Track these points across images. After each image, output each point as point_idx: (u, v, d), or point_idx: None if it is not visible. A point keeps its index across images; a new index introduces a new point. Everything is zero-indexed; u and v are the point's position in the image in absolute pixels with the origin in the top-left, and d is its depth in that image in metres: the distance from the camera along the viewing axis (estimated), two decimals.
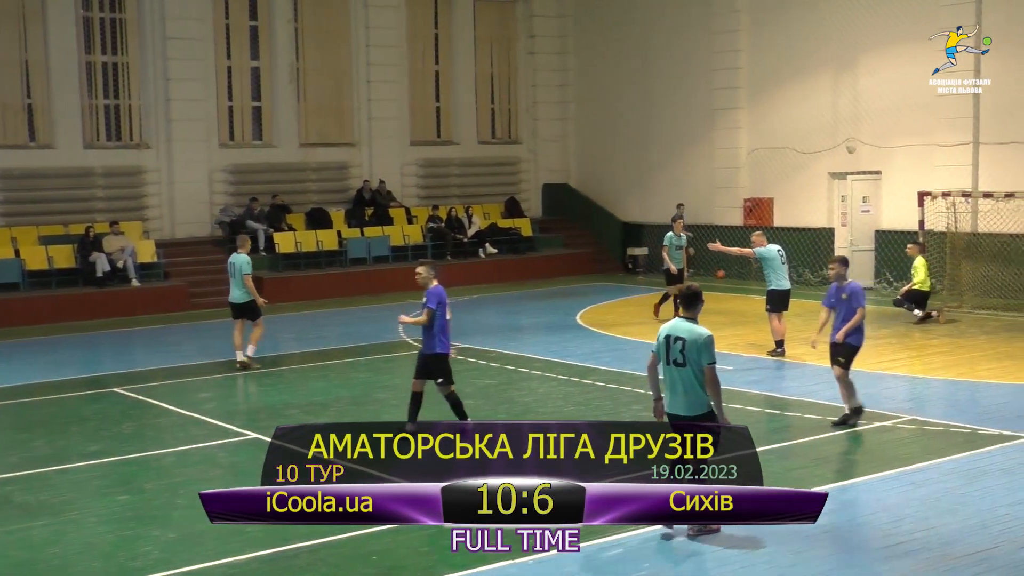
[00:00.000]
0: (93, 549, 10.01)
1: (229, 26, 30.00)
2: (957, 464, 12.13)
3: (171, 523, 10.69)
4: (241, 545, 9.89)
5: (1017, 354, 18.45)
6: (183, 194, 29.06)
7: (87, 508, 11.28)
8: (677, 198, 31.68)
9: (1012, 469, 11.80)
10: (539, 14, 34.59)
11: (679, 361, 9.71)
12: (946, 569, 8.96)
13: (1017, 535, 9.73)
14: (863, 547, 9.48)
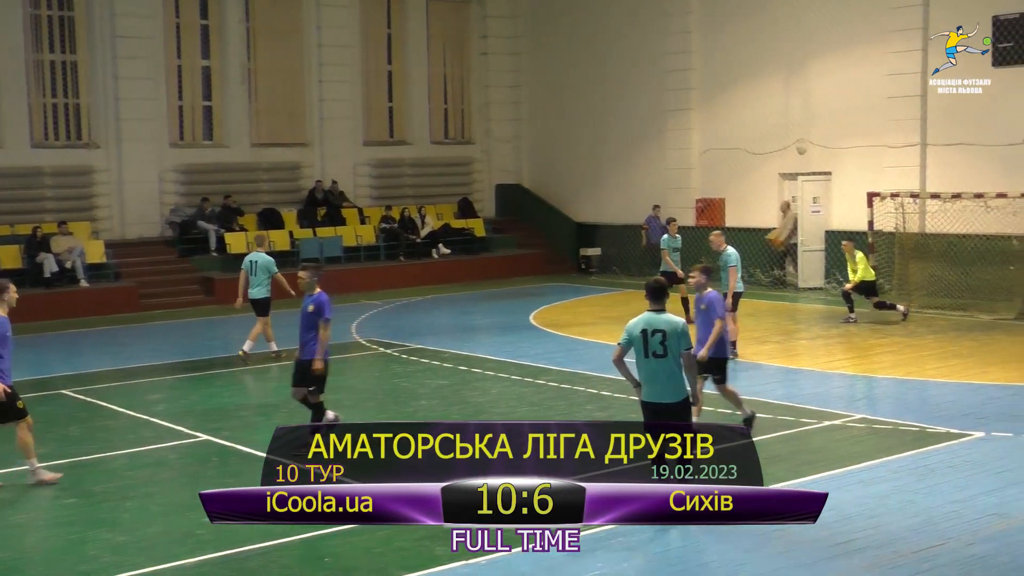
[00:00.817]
0: (40, 554, 9.91)
1: (180, 25, 29.77)
2: (905, 462, 12.24)
3: (120, 526, 10.58)
4: (192, 548, 9.83)
5: (964, 353, 18.68)
6: (133, 194, 28.81)
7: (34, 512, 11.17)
8: (630, 198, 31.84)
9: (959, 466, 11.93)
10: (492, 15, 34.60)
11: (659, 353, 10.01)
12: (894, 566, 9.05)
13: (964, 532, 9.84)
14: (813, 545, 9.54)
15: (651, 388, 10.14)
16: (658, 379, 10.08)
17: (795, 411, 14.65)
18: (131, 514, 10.97)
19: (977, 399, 15.22)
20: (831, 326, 21.76)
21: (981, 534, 9.79)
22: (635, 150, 31.96)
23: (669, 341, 10.02)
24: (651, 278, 10.79)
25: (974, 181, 24.10)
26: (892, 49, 25.73)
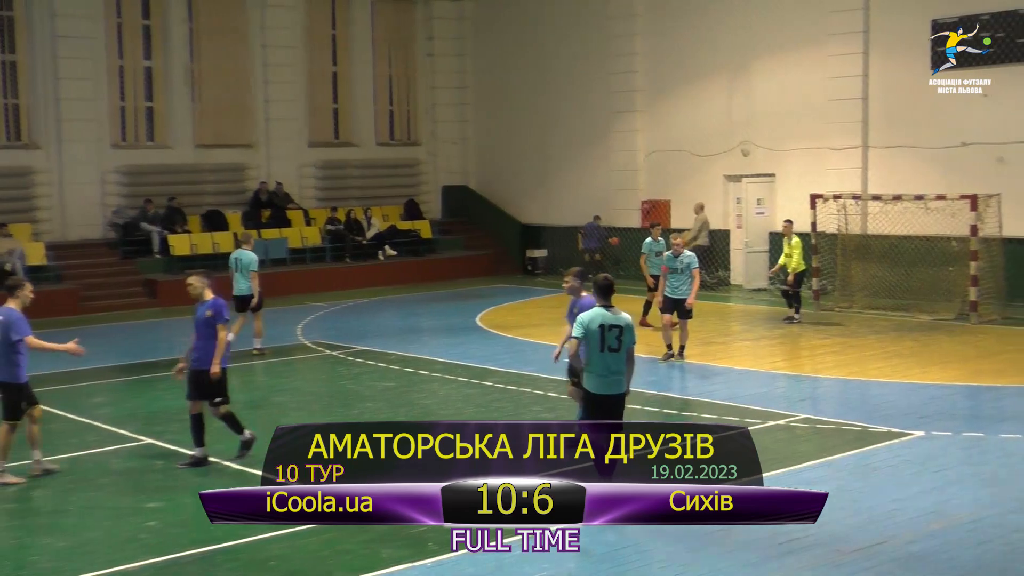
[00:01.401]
0: None
1: (121, 25, 29.46)
2: (848, 461, 12.37)
3: (61, 531, 10.45)
4: (134, 552, 9.73)
5: (905, 353, 18.89)
6: (74, 196, 28.46)
7: None
8: (576, 200, 31.91)
9: (900, 466, 12.07)
10: (438, 16, 34.54)
11: (614, 347, 10.40)
12: (836, 564, 9.13)
13: (905, 530, 9.96)
14: (757, 545, 9.61)
15: (603, 381, 10.44)
16: (611, 373, 10.45)
17: (739, 411, 14.73)
18: (73, 519, 10.84)
19: (918, 399, 15.38)
20: (775, 327, 21.93)
21: (921, 532, 9.91)
22: (581, 152, 32.04)
23: (624, 337, 10.43)
24: (599, 276, 10.93)
25: (914, 183, 24.39)
26: (833, 52, 25.98)
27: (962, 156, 24.04)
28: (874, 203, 24.84)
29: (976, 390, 16.09)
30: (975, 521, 10.17)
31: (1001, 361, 18.02)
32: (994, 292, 22.73)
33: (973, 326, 21.61)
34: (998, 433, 13.32)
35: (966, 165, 23.92)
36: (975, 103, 23.76)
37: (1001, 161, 23.51)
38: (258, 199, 30.78)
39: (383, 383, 17.45)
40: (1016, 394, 15.71)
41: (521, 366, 18.20)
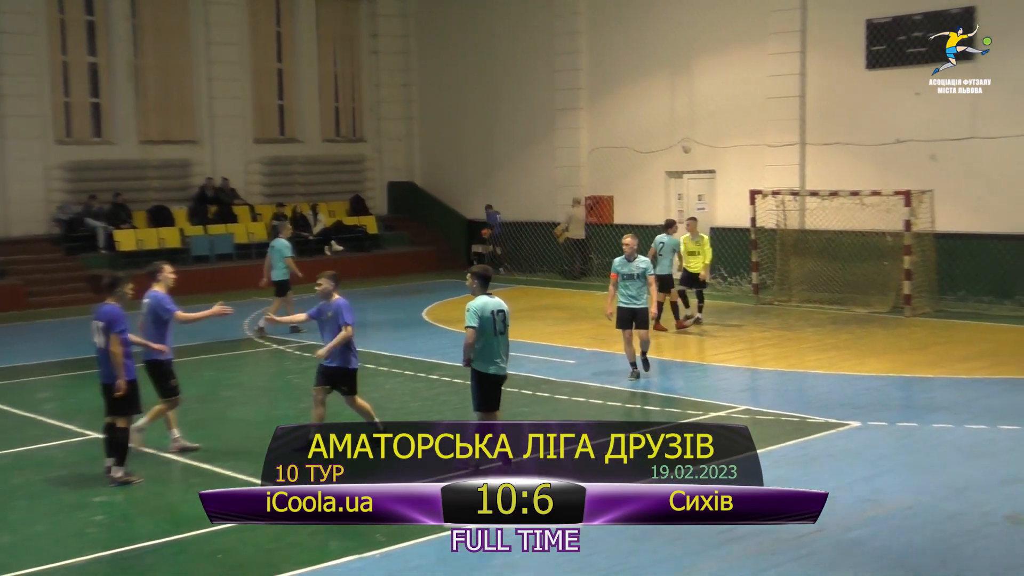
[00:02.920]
0: None
1: (64, 21, 29.12)
2: (787, 451, 12.47)
3: (7, 526, 10.34)
4: (81, 546, 9.64)
5: (842, 345, 19.09)
6: (18, 192, 28.11)
7: None
8: (521, 196, 31.97)
9: (837, 455, 12.20)
10: (382, 13, 34.45)
11: (502, 330, 11.36)
12: (774, 552, 9.21)
13: (842, 518, 10.04)
14: (700, 533, 9.65)
15: (498, 362, 11.46)
16: (500, 353, 11.44)
17: (681, 403, 14.84)
18: (18, 514, 10.72)
19: (854, 390, 15.54)
20: (715, 320, 22.05)
21: (857, 519, 10.02)
22: (525, 148, 32.08)
23: (507, 320, 11.44)
24: (478, 267, 11.89)
25: (850, 179, 24.63)
26: (772, 51, 26.19)
27: (896, 153, 24.29)
28: (811, 199, 25.09)
29: (909, 381, 16.31)
30: (909, 508, 10.31)
31: (933, 353, 18.26)
32: (927, 286, 23.03)
33: (907, 319, 21.88)
34: (931, 423, 13.50)
35: (900, 162, 24.18)
36: (909, 101, 24.05)
37: (934, 159, 23.75)
38: (204, 195, 30.55)
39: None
40: (947, 385, 15.94)
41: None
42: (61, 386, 17.58)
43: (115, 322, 11.49)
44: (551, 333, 20.76)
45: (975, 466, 11.67)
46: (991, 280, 23.09)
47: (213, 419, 14.70)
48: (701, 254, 20.86)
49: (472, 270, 11.79)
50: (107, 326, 11.48)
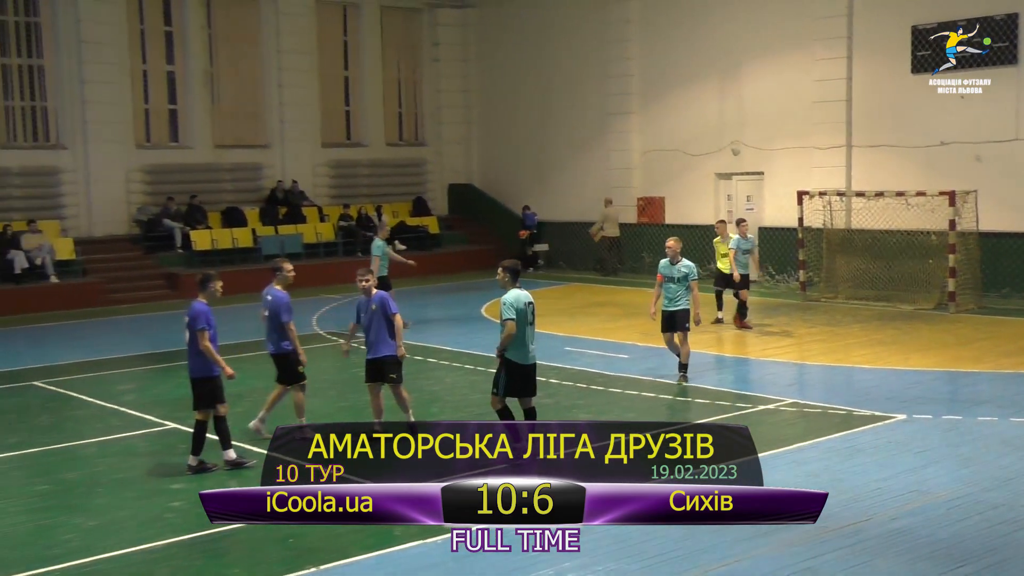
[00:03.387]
0: (10, 539, 9.77)
1: (144, 31, 29.50)
2: (833, 443, 12.39)
3: (91, 511, 10.49)
4: (160, 531, 9.76)
5: (888, 340, 18.91)
6: (100, 194, 28.51)
7: (6, 498, 11.01)
8: (575, 197, 31.95)
9: (883, 447, 12.09)
10: (443, 23, 34.55)
11: (531, 321, 11.54)
12: (822, 541, 9.15)
13: (887, 508, 9.98)
14: None
15: (530, 351, 11.53)
16: (532, 342, 11.56)
17: (731, 396, 14.79)
18: (101, 500, 10.88)
19: (900, 384, 15.40)
20: (765, 316, 21.93)
21: (903, 509, 9.93)
22: (580, 151, 32.05)
23: (535, 312, 11.63)
24: (507, 261, 12.01)
25: (896, 180, 24.40)
26: (819, 56, 25.98)
27: (941, 155, 24.04)
28: (857, 199, 24.86)
29: (954, 375, 16.11)
30: (953, 499, 10.19)
31: (977, 348, 18.04)
32: (971, 283, 22.76)
33: (951, 315, 21.63)
34: (975, 416, 13.34)
35: (944, 163, 23.92)
36: (953, 104, 23.77)
37: (978, 160, 23.51)
38: (274, 197, 30.83)
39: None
40: (991, 379, 15.74)
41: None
42: (140, 378, 17.82)
43: (196, 319, 11.61)
44: (605, 329, 20.73)
45: (1019, 458, 11.51)
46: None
47: (284, 410, 14.80)
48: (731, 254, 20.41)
49: (503, 264, 11.87)
50: (190, 322, 11.62)
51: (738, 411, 13.97)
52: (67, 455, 12.65)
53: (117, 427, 13.89)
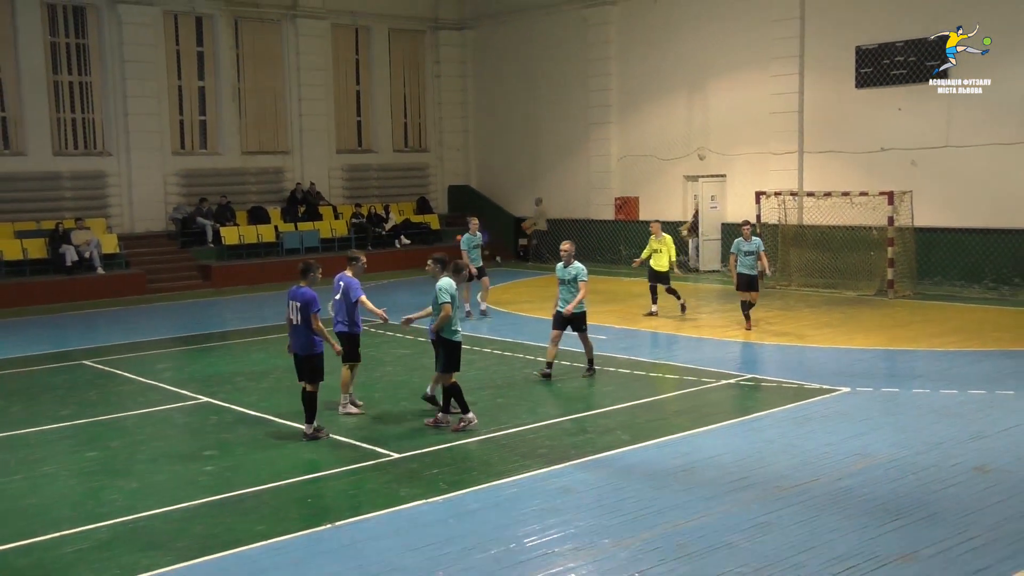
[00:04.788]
0: (65, 499, 9.78)
1: (179, 51, 29.38)
2: (787, 413, 12.42)
3: (134, 475, 10.49)
4: (194, 492, 9.77)
5: (834, 323, 18.96)
6: (141, 195, 28.45)
7: (59, 464, 11.02)
8: (560, 196, 31.90)
9: (830, 416, 12.13)
10: (443, 44, 34.46)
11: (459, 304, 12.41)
12: (777, 498, 9.19)
13: (834, 469, 10.01)
14: (713, 483, 9.68)
15: (461, 330, 11.95)
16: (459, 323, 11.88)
17: (698, 372, 14.82)
18: (143, 465, 10.88)
19: (845, 360, 15.46)
20: (726, 301, 21.95)
21: (847, 471, 9.97)
22: (564, 156, 32.02)
23: None
24: (438, 253, 12.49)
25: (841, 182, 24.46)
26: (774, 73, 25.98)
27: (881, 160, 24.09)
28: (808, 199, 24.92)
29: (892, 353, 16.17)
30: (891, 461, 10.23)
31: (913, 329, 18.10)
32: (907, 272, 22.83)
33: (890, 300, 21.70)
34: (911, 389, 13.40)
35: (884, 167, 23.96)
36: (892, 115, 23.83)
37: (913, 164, 23.55)
38: (295, 197, 30.77)
39: (399, 350, 17.49)
40: (925, 356, 15.79)
41: (515, 336, 18.24)
42: (176, 358, 17.80)
43: (311, 303, 11.53)
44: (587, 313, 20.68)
45: (948, 425, 11.56)
46: (963, 267, 22.85)
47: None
48: (665, 252, 19.78)
49: (433, 256, 12.28)
50: (304, 306, 11.49)
51: (703, 385, 13.99)
52: (112, 425, 12.64)
53: (156, 401, 13.88)
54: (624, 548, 8.05)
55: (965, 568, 7.56)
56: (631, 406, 12.94)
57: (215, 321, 21.61)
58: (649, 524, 8.58)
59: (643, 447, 10.99)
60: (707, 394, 13.56)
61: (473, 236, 20.63)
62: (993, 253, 22.42)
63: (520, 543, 8.21)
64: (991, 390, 13.19)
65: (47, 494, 9.93)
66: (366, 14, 32.76)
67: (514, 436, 11.58)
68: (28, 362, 17.14)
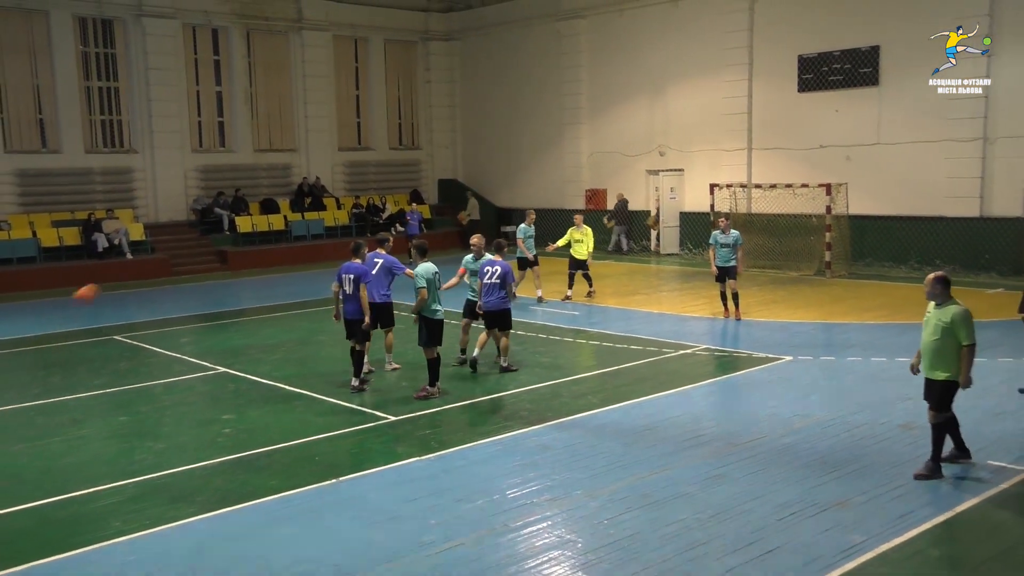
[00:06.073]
0: (100, 458, 9.75)
1: (198, 60, 29.09)
2: (737, 379, 12.50)
3: (161, 437, 10.46)
4: (215, 451, 9.75)
5: (779, 300, 19.02)
6: (164, 188, 28.22)
7: (94, 427, 10.97)
8: (537, 188, 31.83)
9: (775, 381, 12.19)
10: (433, 53, 34.27)
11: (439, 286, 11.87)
12: (729, 453, 9.25)
13: (779, 428, 10.08)
14: (673, 440, 9.72)
15: (441, 310, 11.72)
16: (440, 303, 11.70)
17: (658, 344, 14.85)
18: (168, 427, 10.85)
19: (788, 333, 15.54)
20: (684, 281, 22.01)
21: (790, 429, 10.03)
22: (540, 152, 31.95)
23: (442, 278, 11.87)
24: (416, 241, 12.28)
25: (785, 175, 24.51)
26: (726, 79, 25.98)
27: (820, 155, 24.14)
28: (756, 190, 24.96)
29: (829, 326, 16.25)
30: (828, 421, 10.31)
31: (847, 305, 18.19)
32: (843, 255, 22.93)
33: (828, 280, 21.79)
34: (845, 357, 13.48)
35: (823, 162, 24.03)
36: (830, 116, 23.86)
37: (848, 159, 23.63)
38: (301, 190, 30.59)
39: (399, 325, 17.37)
40: (858, 329, 15.88)
41: None
42: (197, 333, 17.71)
43: (364, 275, 12.12)
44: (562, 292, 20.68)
45: (878, 389, 11.64)
46: (891, 250, 22.97)
47: (309, 357, 14.81)
48: (586, 242, 19.19)
49: (412, 244, 12.24)
50: (357, 278, 11.99)
51: (664, 355, 14.03)
52: (141, 393, 12.58)
53: (180, 371, 13.82)
54: (595, 498, 8.09)
55: (893, 513, 7.64)
56: (601, 373, 12.98)
57: (231, 300, 21.48)
58: (617, 477, 8.62)
59: (612, 409, 11.03)
60: (668, 363, 13.61)
61: (529, 227, 19.54)
62: (917, 237, 22.54)
63: (503, 495, 8.23)
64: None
65: (83, 454, 9.89)
66: (364, 27, 32.51)
67: (497, 401, 11.60)
68: (65, 337, 17.03)
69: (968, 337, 8.31)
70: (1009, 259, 21.24)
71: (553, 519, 7.65)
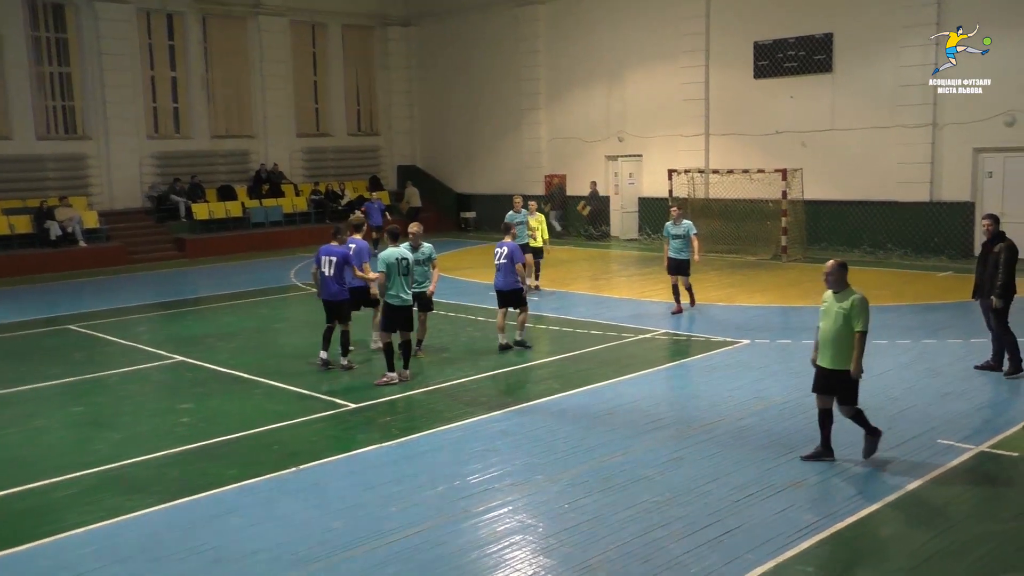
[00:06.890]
0: (55, 449, 9.58)
1: (152, 44, 28.60)
2: (696, 362, 12.57)
3: (118, 427, 10.30)
4: (173, 441, 9.63)
5: (737, 284, 19.17)
6: (119, 175, 27.75)
7: (50, 418, 10.77)
8: (496, 174, 31.74)
9: (733, 365, 12.29)
10: (391, 38, 33.98)
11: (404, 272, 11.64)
12: (688, 436, 9.31)
13: (736, 411, 10.16)
14: (633, 424, 9.76)
15: (402, 296, 11.55)
16: (405, 289, 11.58)
17: (618, 328, 14.90)
18: (125, 417, 10.69)
19: (745, 316, 15.66)
20: (642, 266, 22.10)
21: (748, 411, 10.12)
22: (499, 138, 31.85)
23: (411, 265, 11.73)
24: (389, 226, 12.39)
25: (742, 160, 24.67)
26: (683, 65, 26.05)
27: (776, 141, 24.31)
28: (714, 175, 25.09)
29: (786, 310, 16.40)
30: (785, 403, 10.41)
31: (803, 289, 18.37)
32: (798, 239, 23.14)
33: (784, 264, 22.00)
34: (801, 340, 13.60)
35: (778, 148, 24.20)
36: (785, 103, 24.03)
37: (803, 145, 23.82)
38: (259, 177, 30.23)
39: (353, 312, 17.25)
40: (813, 312, 15.79)
41: (458, 298, 18.16)
42: (154, 322, 17.48)
43: (349, 257, 12.33)
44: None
45: None
46: (845, 234, 23.25)
47: (268, 344, 14.67)
48: (540, 230, 18.68)
49: (386, 229, 12.31)
50: (339, 260, 12.25)
51: (623, 339, 14.08)
52: (97, 383, 12.39)
53: (136, 360, 13.62)
54: (556, 483, 8.10)
55: (846, 493, 7.74)
56: (562, 358, 13.00)
57: (189, 288, 21.20)
58: (578, 461, 8.64)
59: (572, 394, 11.05)
60: (627, 347, 13.66)
61: (516, 214, 18.20)
62: (870, 222, 22.83)
63: (464, 480, 8.22)
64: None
65: (39, 445, 9.71)
66: (322, 12, 32.15)
67: (458, 387, 11.57)
68: (18, 327, 16.69)
69: (863, 324, 8.41)
70: (958, 243, 21.60)
71: (514, 504, 7.65)
